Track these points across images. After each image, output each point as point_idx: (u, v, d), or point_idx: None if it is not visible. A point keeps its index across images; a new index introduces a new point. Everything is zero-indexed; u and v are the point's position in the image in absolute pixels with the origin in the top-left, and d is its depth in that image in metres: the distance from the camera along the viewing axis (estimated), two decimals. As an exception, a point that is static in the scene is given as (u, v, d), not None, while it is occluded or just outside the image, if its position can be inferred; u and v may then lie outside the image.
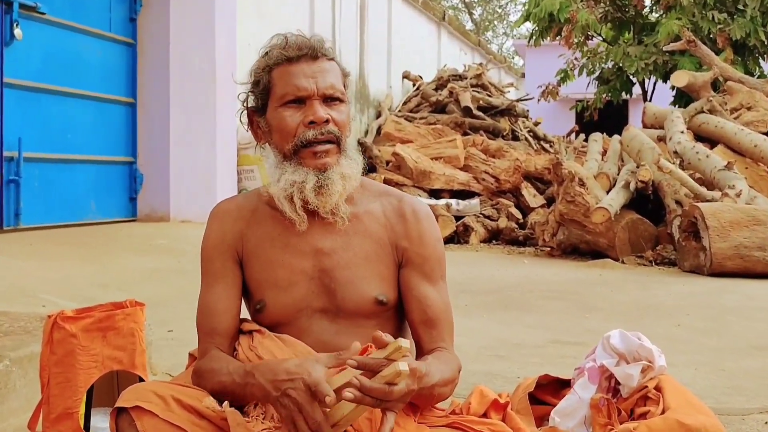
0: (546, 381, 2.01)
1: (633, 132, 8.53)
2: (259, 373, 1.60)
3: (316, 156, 1.74)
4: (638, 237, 7.59)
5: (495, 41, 38.92)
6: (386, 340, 1.52)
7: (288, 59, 1.78)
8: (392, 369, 1.45)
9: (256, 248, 1.81)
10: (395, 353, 1.48)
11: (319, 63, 1.78)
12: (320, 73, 1.77)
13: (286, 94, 1.76)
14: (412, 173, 9.96)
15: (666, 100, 13.47)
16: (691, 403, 1.74)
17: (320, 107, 1.75)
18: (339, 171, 1.75)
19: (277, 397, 1.54)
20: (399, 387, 1.48)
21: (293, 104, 1.76)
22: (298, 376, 1.53)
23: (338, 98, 1.78)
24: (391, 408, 1.51)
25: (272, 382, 1.56)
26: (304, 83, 1.75)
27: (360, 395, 1.46)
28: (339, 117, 1.77)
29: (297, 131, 1.75)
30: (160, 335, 3.59)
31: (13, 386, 2.56)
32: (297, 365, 1.56)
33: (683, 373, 3.36)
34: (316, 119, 1.73)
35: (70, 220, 7.52)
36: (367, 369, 1.50)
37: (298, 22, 10.47)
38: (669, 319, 4.74)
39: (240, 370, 1.65)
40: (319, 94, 1.75)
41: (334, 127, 1.76)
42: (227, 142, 8.58)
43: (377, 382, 1.46)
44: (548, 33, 13.99)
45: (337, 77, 1.80)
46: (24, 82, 7.00)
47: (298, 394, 1.52)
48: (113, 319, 2.17)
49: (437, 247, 1.86)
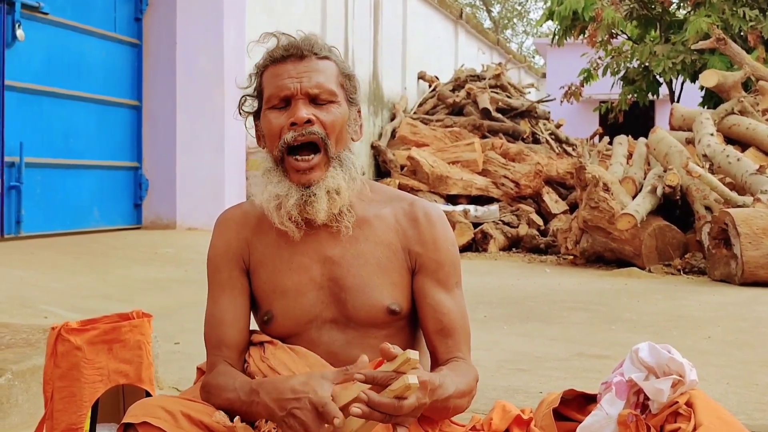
0: (571, 396, 1.99)
1: (660, 134, 8.51)
2: (264, 392, 1.60)
3: (299, 172, 1.73)
4: (666, 245, 7.56)
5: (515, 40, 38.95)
6: (395, 351, 1.51)
7: (273, 60, 1.78)
8: (401, 382, 1.44)
9: (263, 257, 1.82)
10: (404, 365, 1.48)
11: (306, 62, 1.77)
12: (306, 73, 1.75)
13: (271, 96, 1.77)
14: (428, 178, 9.96)
15: (694, 101, 13.42)
16: (724, 420, 1.73)
17: (303, 107, 1.73)
18: (324, 186, 1.73)
19: (283, 417, 1.54)
20: (409, 401, 1.47)
21: (279, 106, 1.76)
22: (303, 395, 1.53)
23: (327, 99, 1.76)
24: (402, 423, 1.50)
25: (277, 401, 1.56)
26: (287, 83, 1.75)
27: (368, 410, 1.45)
28: (327, 118, 1.75)
29: (281, 134, 1.75)
30: (167, 348, 3.61)
31: (15, 401, 2.58)
32: (302, 383, 1.56)
33: (714, 387, 3.34)
34: (296, 119, 1.72)
35: (73, 228, 7.56)
36: (376, 383, 1.49)
37: (309, 21, 10.53)
38: (698, 330, 4.72)
39: (246, 387, 1.65)
40: (302, 93, 1.74)
41: (318, 128, 1.74)
42: (235, 146, 8.61)
43: (386, 397, 1.45)
44: (572, 32, 13.97)
45: (330, 77, 1.78)
46: (26, 84, 7.06)
47: (304, 414, 1.52)
48: (119, 331, 2.18)
49: (452, 251, 1.85)
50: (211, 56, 8.43)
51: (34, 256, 6.11)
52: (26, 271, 5.56)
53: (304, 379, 1.58)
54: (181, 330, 4.16)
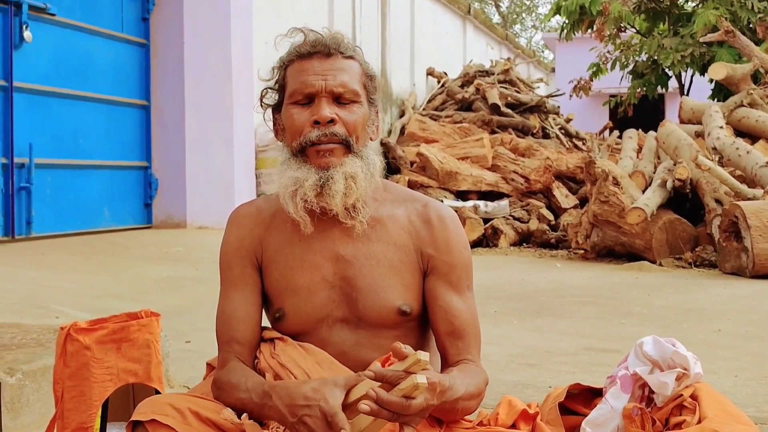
0: (577, 390, 2.00)
1: (669, 128, 8.50)
2: (276, 396, 1.61)
3: (319, 155, 1.74)
4: (676, 238, 7.56)
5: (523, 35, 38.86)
6: (406, 351, 1.52)
7: (300, 56, 1.79)
8: (410, 382, 1.45)
9: (276, 254, 1.82)
10: (414, 366, 1.49)
11: (332, 61, 1.78)
12: (332, 71, 1.76)
13: (295, 92, 1.77)
14: (438, 174, 9.97)
15: (704, 93, 13.38)
16: (728, 412, 1.73)
17: (327, 106, 1.74)
18: (342, 171, 1.73)
19: (294, 423, 1.56)
20: (417, 401, 1.48)
21: (303, 102, 1.77)
22: (314, 403, 1.54)
23: (350, 99, 1.77)
24: (409, 423, 1.51)
25: (289, 406, 1.57)
26: (312, 80, 1.75)
27: (377, 408, 1.46)
28: (349, 118, 1.76)
29: (303, 131, 1.76)
30: (177, 347, 3.63)
31: (27, 401, 2.61)
32: (314, 390, 1.56)
33: (723, 380, 3.35)
34: (320, 118, 1.73)
35: (83, 228, 7.60)
36: (385, 381, 1.50)
37: (316, 18, 10.53)
38: (709, 323, 4.72)
39: (258, 389, 1.66)
40: (327, 92, 1.75)
41: (340, 129, 1.75)
42: (245, 144, 8.64)
43: (394, 395, 1.47)
44: (579, 26, 13.93)
45: (354, 77, 1.79)
46: (34, 85, 7.10)
47: (314, 422, 1.53)
48: (128, 330, 2.19)
49: (464, 254, 1.85)
50: (218, 55, 8.46)
51: (45, 257, 6.15)
52: (38, 272, 5.59)
53: (316, 385, 1.58)
54: (192, 329, 4.18)
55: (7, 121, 6.79)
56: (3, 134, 6.76)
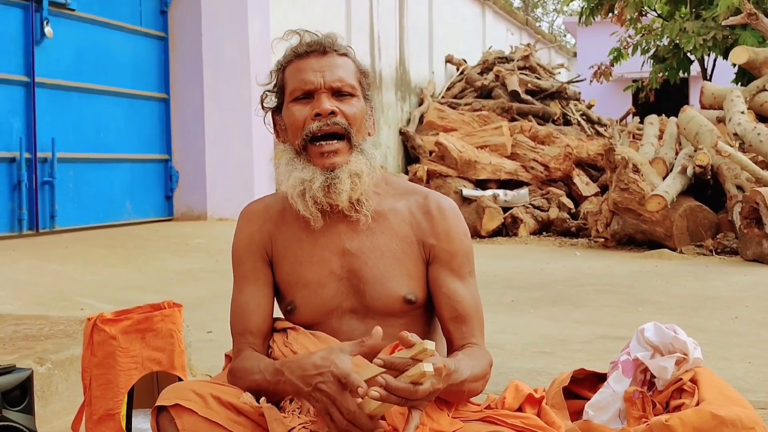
0: (583, 375, 2.11)
1: (690, 114, 8.52)
2: (288, 370, 1.72)
3: (324, 156, 1.85)
4: (697, 225, 7.59)
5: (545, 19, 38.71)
6: (413, 340, 1.63)
7: (297, 55, 1.91)
8: (417, 369, 1.56)
9: (285, 250, 1.94)
10: (421, 354, 1.60)
11: (327, 58, 1.90)
12: (328, 68, 1.88)
13: (294, 89, 1.89)
14: (457, 163, 10.03)
15: (728, 77, 13.33)
16: (726, 395, 1.82)
17: (327, 100, 1.86)
18: (348, 170, 1.85)
19: (309, 392, 1.67)
20: (424, 386, 1.59)
21: (303, 99, 1.88)
22: (326, 369, 1.65)
23: (348, 92, 1.89)
24: (417, 406, 1.62)
25: (302, 377, 1.68)
26: (311, 77, 1.87)
27: (386, 394, 1.57)
28: (349, 110, 1.87)
29: (305, 124, 1.87)
30: (199, 337, 3.75)
31: (56, 389, 2.74)
32: (323, 358, 1.68)
33: (736, 366, 3.42)
34: (321, 111, 1.85)
35: (106, 221, 7.75)
36: (393, 368, 1.61)
37: (334, 8, 10.61)
38: (726, 311, 4.78)
39: (270, 367, 1.77)
40: (326, 87, 1.87)
41: (341, 119, 1.86)
42: (263, 135, 8.74)
43: (403, 382, 1.58)
44: (599, 10, 13.92)
45: (349, 72, 1.91)
46: (56, 81, 7.24)
47: (329, 387, 1.64)
48: (151, 320, 2.32)
49: (464, 242, 1.95)
50: (236, 47, 8.57)
51: (69, 250, 6.29)
52: (62, 265, 5.73)
53: (324, 354, 1.70)
54: (213, 319, 4.30)
55: (29, 117, 6.94)
56: (26, 129, 6.92)
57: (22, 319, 3.51)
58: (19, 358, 2.71)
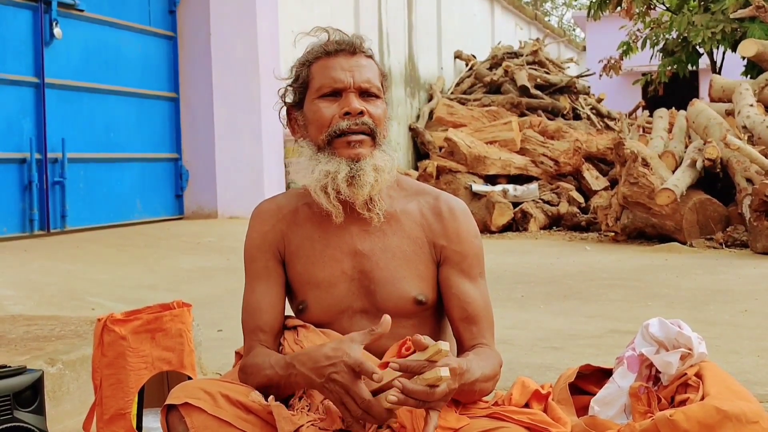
0: (589, 371, 2.12)
1: (699, 107, 8.50)
2: (299, 363, 1.74)
3: (350, 146, 1.87)
4: (707, 218, 7.58)
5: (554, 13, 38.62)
6: (426, 342, 1.65)
7: (327, 53, 1.92)
8: (434, 374, 1.58)
9: (297, 249, 1.96)
10: (436, 355, 1.62)
11: (356, 58, 1.92)
12: (357, 68, 1.90)
13: (323, 86, 1.90)
14: (466, 159, 10.03)
15: (737, 70, 13.29)
16: (731, 390, 1.83)
17: (356, 99, 1.88)
18: (372, 162, 1.87)
19: (323, 383, 1.69)
20: (440, 389, 1.61)
21: (330, 96, 1.90)
22: (338, 359, 1.67)
23: (375, 94, 1.92)
24: (434, 407, 1.65)
25: (314, 369, 1.70)
26: (341, 75, 1.89)
27: (403, 397, 1.60)
28: (375, 111, 1.90)
29: (332, 122, 1.88)
30: (210, 335, 3.76)
31: (67, 389, 2.76)
32: (334, 349, 1.69)
33: (744, 360, 3.42)
34: (351, 110, 1.87)
35: (117, 221, 7.79)
36: (409, 371, 1.63)
37: (343, 5, 10.62)
38: (736, 304, 4.78)
39: (281, 362, 1.79)
40: (355, 87, 1.89)
41: (369, 120, 1.89)
42: (273, 133, 8.77)
43: (419, 385, 1.59)
44: (608, 5, 13.89)
45: (375, 74, 1.94)
46: (65, 81, 7.28)
47: (342, 377, 1.66)
48: (161, 320, 2.34)
49: (475, 243, 1.97)
50: (245, 45, 8.59)
51: (80, 250, 6.33)
52: (73, 265, 5.77)
53: (334, 344, 1.72)
54: (224, 317, 4.32)
55: (39, 117, 6.98)
56: (36, 130, 6.96)
57: (33, 320, 3.54)
58: (30, 359, 2.73)
